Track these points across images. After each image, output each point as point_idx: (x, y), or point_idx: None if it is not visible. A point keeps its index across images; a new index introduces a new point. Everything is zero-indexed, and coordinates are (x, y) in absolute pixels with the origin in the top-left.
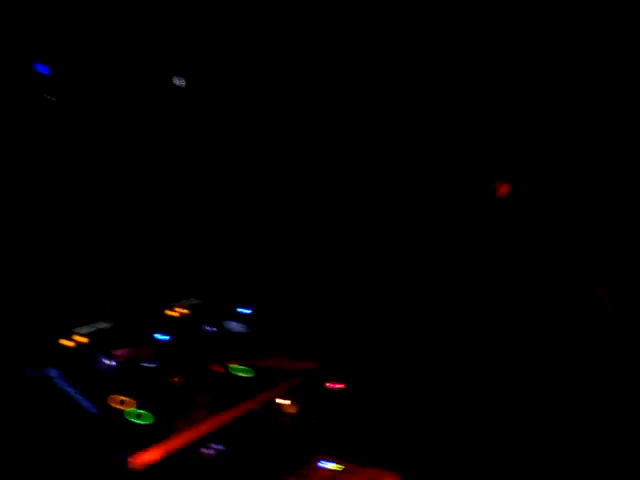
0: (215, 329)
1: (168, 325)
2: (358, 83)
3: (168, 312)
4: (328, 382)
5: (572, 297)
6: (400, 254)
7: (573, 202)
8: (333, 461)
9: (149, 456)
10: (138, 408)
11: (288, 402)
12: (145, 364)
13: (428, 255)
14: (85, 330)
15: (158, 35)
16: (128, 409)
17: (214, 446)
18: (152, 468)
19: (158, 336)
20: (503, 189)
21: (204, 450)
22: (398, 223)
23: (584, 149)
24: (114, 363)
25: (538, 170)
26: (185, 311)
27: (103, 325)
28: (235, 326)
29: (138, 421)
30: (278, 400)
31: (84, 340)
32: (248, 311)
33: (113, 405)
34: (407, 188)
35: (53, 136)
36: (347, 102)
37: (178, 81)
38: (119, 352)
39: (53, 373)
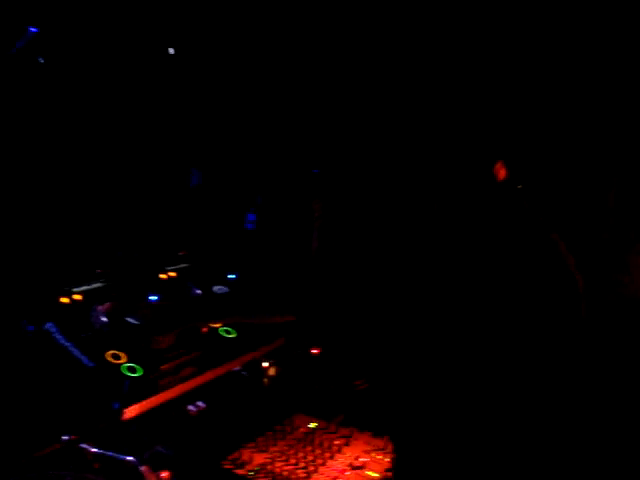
0: (202, 291)
1: (159, 287)
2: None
3: (161, 275)
4: (311, 347)
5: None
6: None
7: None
8: (309, 419)
9: (137, 409)
10: (129, 362)
11: (269, 363)
12: (134, 321)
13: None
14: (81, 289)
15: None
16: (120, 362)
17: (197, 403)
18: (138, 420)
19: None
20: (502, 173)
21: (188, 406)
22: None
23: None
24: (106, 319)
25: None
26: (175, 274)
27: (99, 285)
28: (221, 289)
29: (130, 374)
30: (260, 361)
31: (79, 298)
32: (233, 275)
33: (106, 359)
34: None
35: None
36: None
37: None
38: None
39: (50, 327)
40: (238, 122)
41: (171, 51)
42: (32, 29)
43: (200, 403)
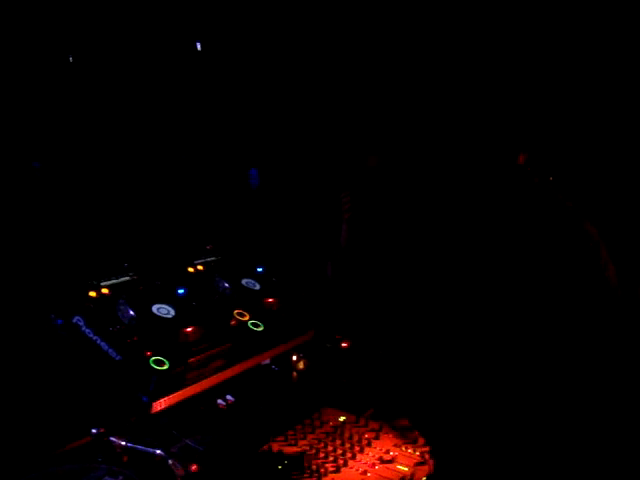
0: (230, 285)
1: (187, 280)
2: None
3: (189, 269)
4: (341, 341)
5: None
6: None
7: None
8: (338, 412)
9: (165, 402)
10: (156, 355)
11: (298, 357)
12: (162, 314)
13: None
14: (110, 282)
15: None
16: (148, 356)
17: (226, 396)
18: (168, 413)
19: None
20: (521, 158)
21: (216, 399)
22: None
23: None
24: (133, 313)
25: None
26: (203, 268)
27: (126, 278)
28: (250, 282)
29: (158, 368)
30: (289, 354)
31: (107, 292)
32: (261, 269)
33: (134, 352)
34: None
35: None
36: None
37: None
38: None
39: (78, 321)
40: (264, 118)
41: (198, 47)
42: None
43: (229, 397)
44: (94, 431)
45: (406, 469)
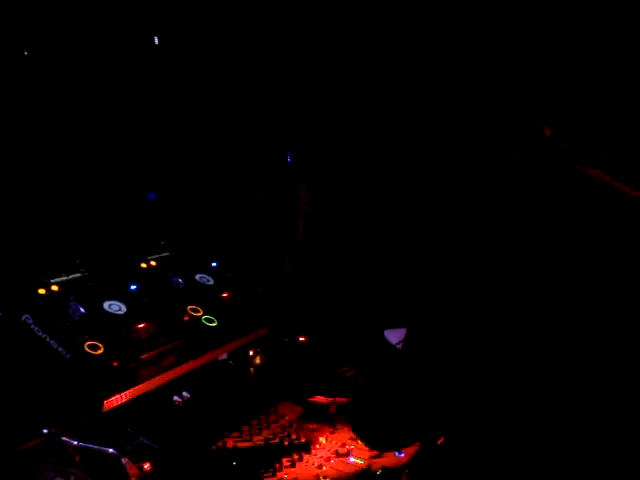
0: (184, 281)
1: (139, 276)
2: None
3: (142, 264)
4: (298, 335)
5: None
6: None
7: None
8: (295, 407)
9: (117, 400)
10: (107, 352)
11: (255, 351)
12: (114, 311)
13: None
14: (60, 279)
15: None
16: (99, 353)
17: (182, 392)
18: (122, 411)
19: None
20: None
21: (172, 396)
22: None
23: None
24: (83, 310)
25: None
26: (156, 263)
27: (77, 275)
28: (204, 278)
29: (109, 365)
30: (245, 349)
31: (57, 289)
32: (216, 264)
33: (85, 350)
34: None
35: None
36: None
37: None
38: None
39: (27, 318)
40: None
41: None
42: None
43: (185, 393)
44: (45, 431)
45: (362, 462)
